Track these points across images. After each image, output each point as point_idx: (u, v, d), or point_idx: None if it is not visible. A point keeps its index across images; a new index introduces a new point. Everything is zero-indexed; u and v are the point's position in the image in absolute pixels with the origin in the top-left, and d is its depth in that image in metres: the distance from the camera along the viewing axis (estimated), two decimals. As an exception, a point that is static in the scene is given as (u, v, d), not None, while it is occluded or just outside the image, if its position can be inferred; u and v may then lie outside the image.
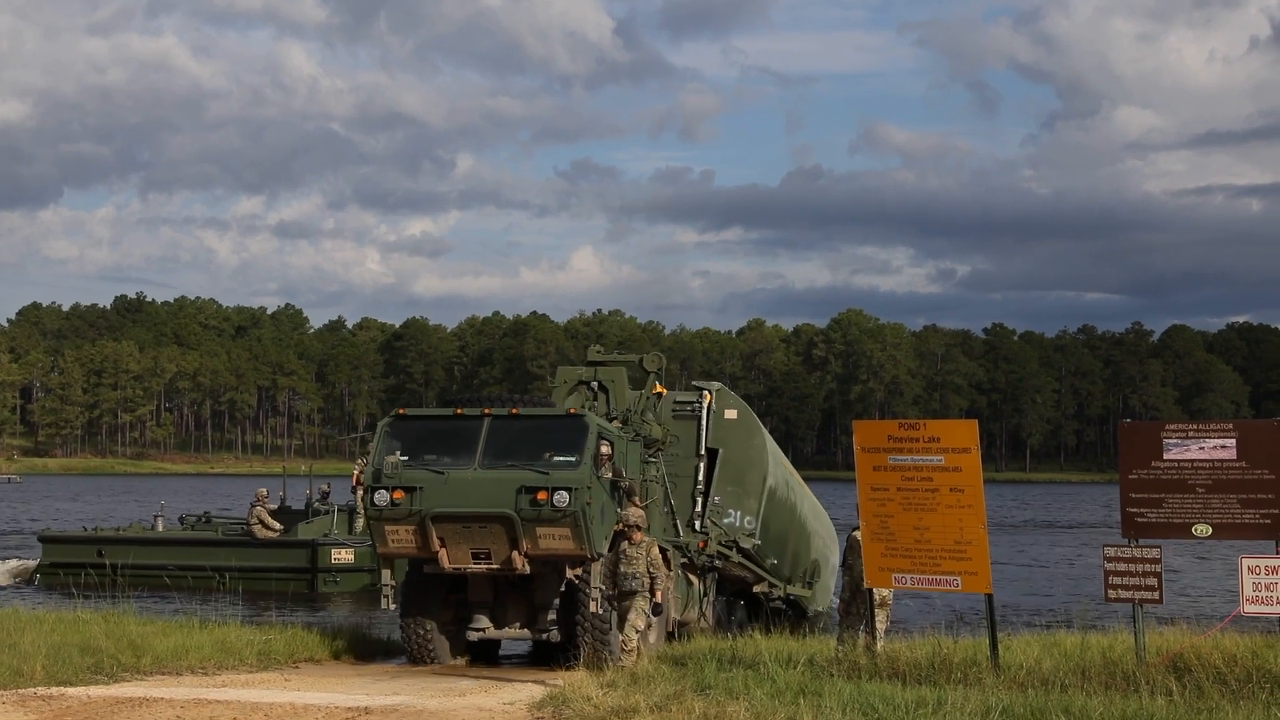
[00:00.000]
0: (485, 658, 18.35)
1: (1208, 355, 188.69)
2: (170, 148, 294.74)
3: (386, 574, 17.71)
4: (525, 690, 14.74)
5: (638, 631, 16.07)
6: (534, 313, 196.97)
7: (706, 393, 22.39)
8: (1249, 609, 13.84)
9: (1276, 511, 13.97)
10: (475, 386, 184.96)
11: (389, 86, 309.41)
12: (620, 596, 16.30)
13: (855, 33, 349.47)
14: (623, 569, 16.18)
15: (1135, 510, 14.55)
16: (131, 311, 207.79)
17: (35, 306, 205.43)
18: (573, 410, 17.88)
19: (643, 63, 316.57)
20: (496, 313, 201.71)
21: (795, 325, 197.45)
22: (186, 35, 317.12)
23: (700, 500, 21.24)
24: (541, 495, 16.57)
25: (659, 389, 21.71)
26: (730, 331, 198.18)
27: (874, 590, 15.37)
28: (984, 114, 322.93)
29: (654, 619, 16.92)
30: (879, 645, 15.10)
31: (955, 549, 14.23)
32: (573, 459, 16.86)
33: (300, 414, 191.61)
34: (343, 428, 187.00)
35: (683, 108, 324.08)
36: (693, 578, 20.40)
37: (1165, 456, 14.45)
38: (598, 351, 22.23)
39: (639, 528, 16.60)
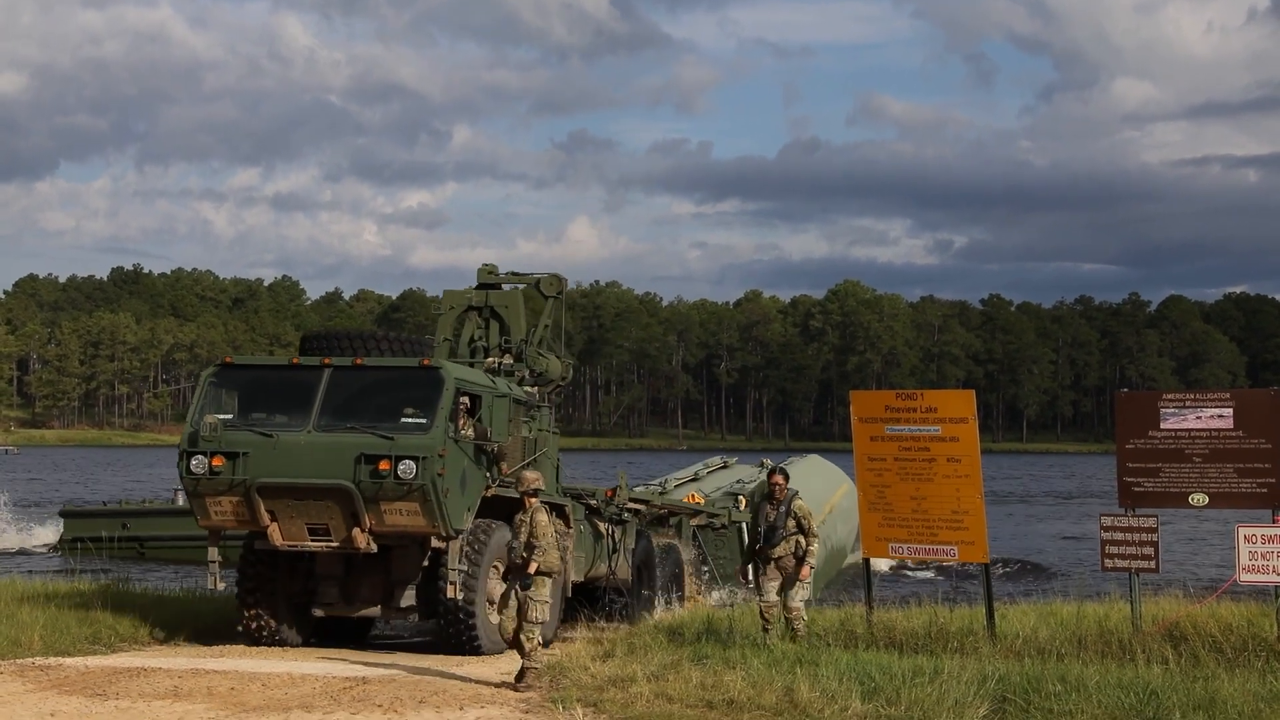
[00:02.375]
0: (344, 638, 16.45)
1: (1205, 326, 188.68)
2: (167, 119, 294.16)
3: (213, 550, 15.64)
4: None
5: (541, 622, 13.21)
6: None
7: None
8: (1245, 578, 13.87)
9: (1273, 480, 14.00)
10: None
11: (386, 58, 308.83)
12: (511, 571, 13.48)
13: (852, 4, 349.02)
14: (513, 540, 13.40)
15: (1132, 480, 14.57)
16: (128, 283, 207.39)
17: (32, 278, 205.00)
18: (426, 361, 15.30)
19: (640, 34, 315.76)
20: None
21: (792, 296, 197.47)
22: (183, 7, 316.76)
23: None
24: (384, 465, 14.50)
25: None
26: (727, 303, 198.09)
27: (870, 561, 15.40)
28: (981, 85, 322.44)
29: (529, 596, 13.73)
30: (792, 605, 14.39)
31: (952, 519, 14.26)
32: (423, 420, 14.70)
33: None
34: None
35: (680, 79, 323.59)
36: (602, 528, 18.69)
37: (1162, 426, 14.46)
38: (489, 272, 19.55)
39: (534, 493, 13.51)
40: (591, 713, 11.47)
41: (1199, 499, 14.35)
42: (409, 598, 15.73)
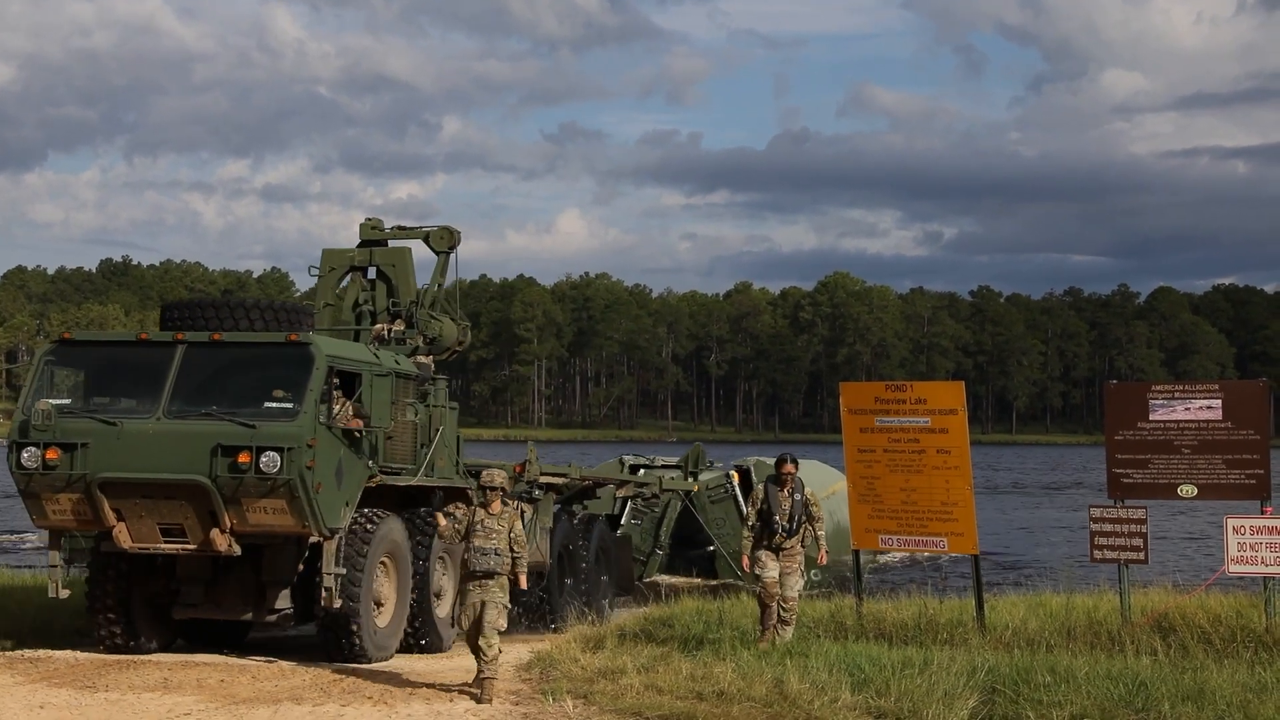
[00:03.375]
0: (219, 640, 14.97)
1: (1193, 317, 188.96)
2: (156, 111, 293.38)
3: (54, 554, 13.98)
4: (512, 652, 14.76)
5: (499, 632, 12.08)
6: (521, 276, 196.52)
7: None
8: (1233, 569, 13.91)
9: (1261, 472, 14.05)
10: (462, 349, 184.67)
11: (375, 49, 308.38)
12: (468, 578, 12.13)
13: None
14: (476, 543, 12.03)
15: (1121, 471, 14.60)
16: (117, 275, 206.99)
17: (20, 270, 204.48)
18: (294, 336, 13.43)
19: (630, 25, 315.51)
20: (483, 276, 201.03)
21: (782, 288, 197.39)
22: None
23: None
24: (244, 457, 12.77)
25: None
26: (717, 294, 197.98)
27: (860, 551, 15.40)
28: (971, 76, 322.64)
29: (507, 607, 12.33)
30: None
31: (942, 510, 14.26)
32: (289, 405, 13.04)
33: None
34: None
35: (670, 71, 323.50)
36: (525, 508, 16.91)
37: (1151, 417, 14.48)
38: (373, 226, 17.82)
39: (499, 490, 12.27)
40: (581, 704, 11.47)
41: (1188, 490, 14.38)
42: (284, 600, 14.07)
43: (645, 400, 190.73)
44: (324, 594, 13.33)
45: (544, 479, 18.13)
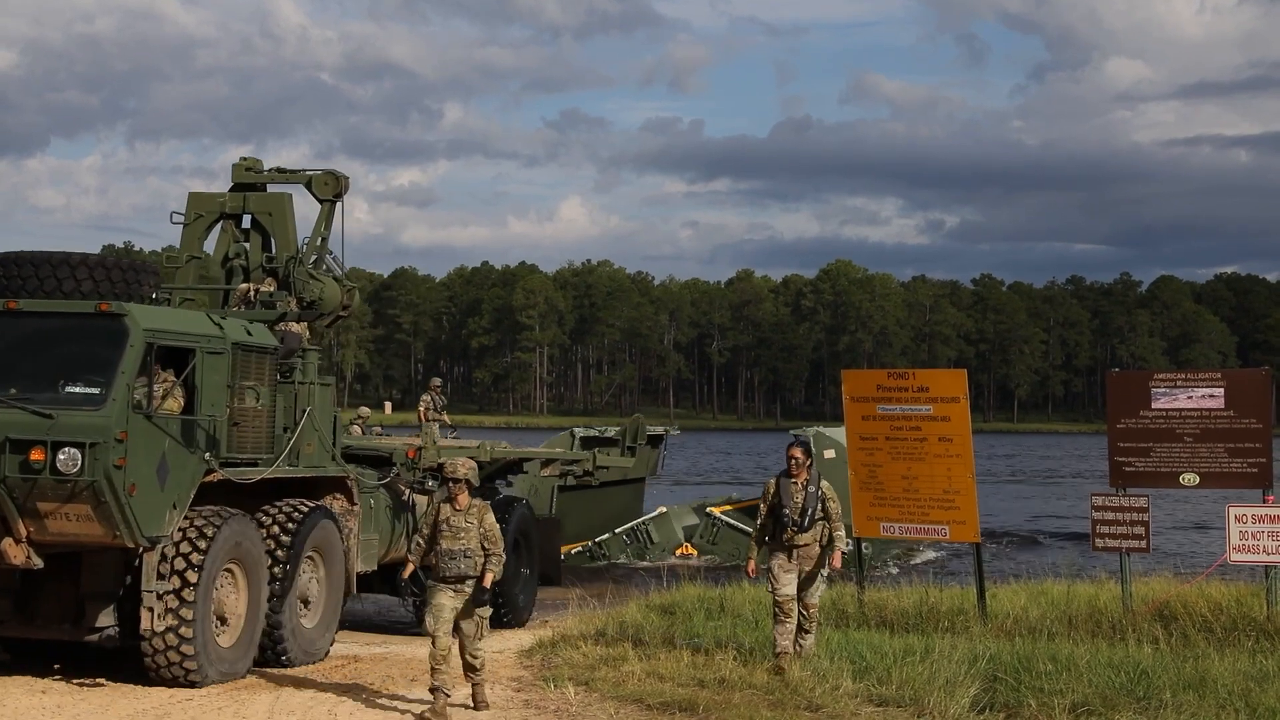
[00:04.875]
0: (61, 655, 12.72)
1: (1196, 306, 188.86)
2: (158, 97, 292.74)
3: None
4: (514, 639, 14.78)
5: (483, 638, 10.97)
6: (523, 263, 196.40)
7: None
8: (1235, 557, 13.91)
9: (1263, 460, 14.05)
10: (464, 337, 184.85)
11: (378, 36, 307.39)
12: (443, 583, 10.80)
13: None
14: (444, 545, 10.74)
15: (1123, 460, 14.61)
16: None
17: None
18: (105, 306, 11.23)
19: (632, 13, 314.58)
20: (485, 263, 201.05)
21: (784, 276, 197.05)
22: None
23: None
24: (37, 454, 10.64)
25: None
26: (719, 282, 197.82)
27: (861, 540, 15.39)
28: (973, 65, 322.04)
29: (482, 614, 10.94)
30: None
31: (944, 498, 14.26)
32: (95, 390, 10.93)
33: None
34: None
35: (672, 58, 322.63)
36: (419, 500, 15.44)
37: (1153, 406, 14.49)
38: (248, 168, 15.72)
39: (464, 482, 10.89)
40: (583, 691, 11.48)
41: (1190, 479, 14.38)
42: (107, 617, 11.83)
43: (647, 388, 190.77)
44: (144, 614, 11.19)
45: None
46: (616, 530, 26.79)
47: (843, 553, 12.51)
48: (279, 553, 12.68)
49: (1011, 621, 13.88)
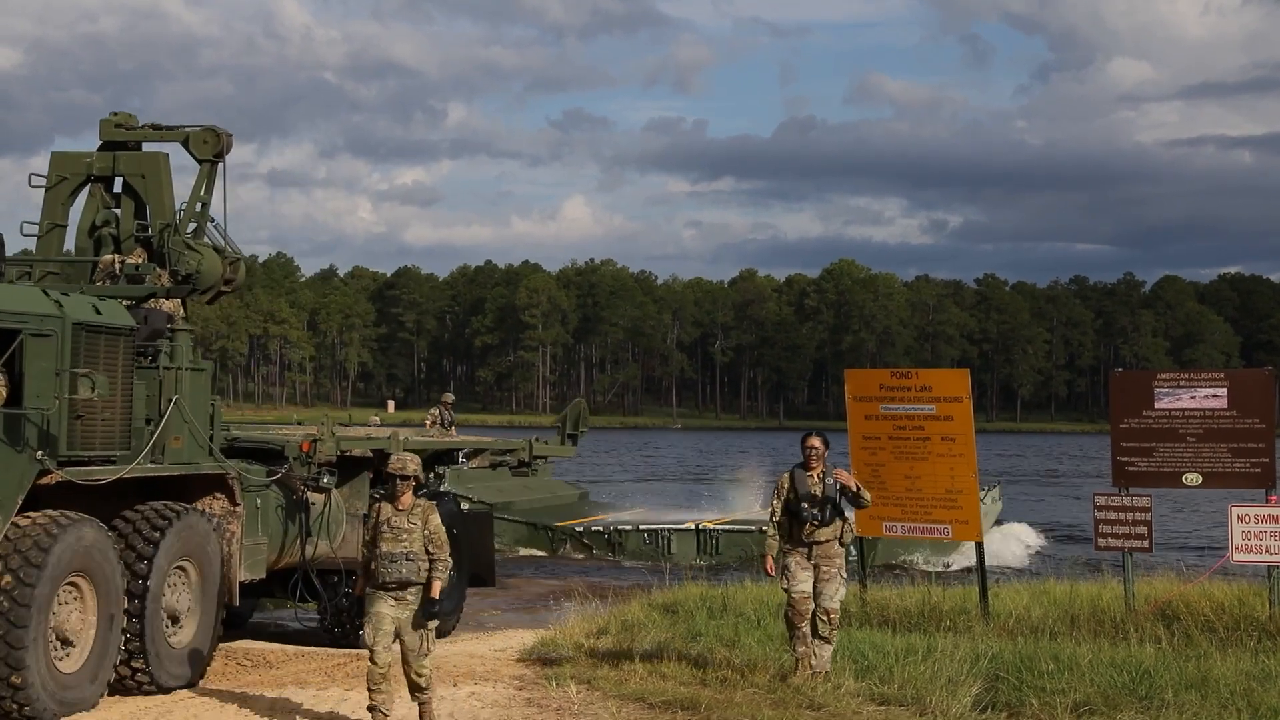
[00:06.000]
0: None
1: (1199, 306, 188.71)
2: (162, 96, 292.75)
3: None
4: (516, 637, 14.79)
5: (429, 653, 10.00)
6: (526, 262, 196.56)
7: None
8: (1237, 557, 13.91)
9: (1266, 460, 14.05)
10: (467, 336, 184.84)
11: (381, 35, 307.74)
12: (382, 590, 9.84)
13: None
14: (384, 548, 9.80)
15: (1126, 459, 14.60)
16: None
17: (26, 254, 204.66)
18: None
19: (636, 13, 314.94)
20: (488, 262, 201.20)
21: (787, 275, 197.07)
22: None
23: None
24: None
25: None
26: (722, 282, 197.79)
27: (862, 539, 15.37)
28: (977, 65, 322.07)
29: (430, 626, 9.98)
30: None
31: (946, 498, 14.26)
32: None
33: (292, 363, 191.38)
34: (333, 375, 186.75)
35: (675, 58, 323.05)
36: (315, 498, 13.57)
37: (1156, 406, 14.49)
38: (118, 125, 14.22)
39: (411, 479, 10.01)
40: (585, 689, 11.48)
41: (1192, 479, 14.38)
42: None
43: (650, 387, 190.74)
44: None
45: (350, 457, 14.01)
46: (640, 526, 27.26)
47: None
48: (139, 564, 11.09)
49: (1014, 621, 13.88)
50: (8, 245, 11.43)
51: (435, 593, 9.87)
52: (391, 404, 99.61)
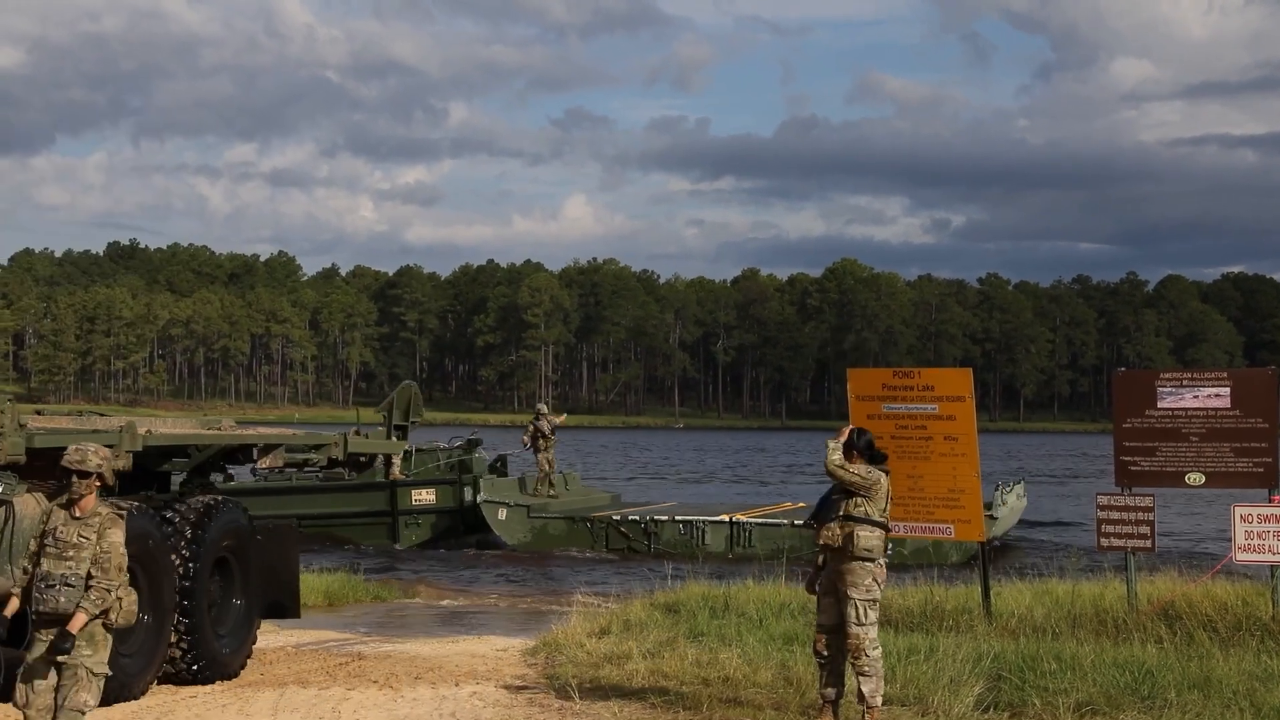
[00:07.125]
0: None
1: (1202, 305, 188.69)
2: (163, 94, 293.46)
3: None
4: (519, 637, 14.77)
5: (84, 710, 7.82)
6: (528, 261, 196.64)
7: None
8: (1240, 557, 13.88)
9: (1270, 460, 14.01)
10: (469, 335, 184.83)
11: (382, 34, 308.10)
12: (40, 624, 7.87)
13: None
14: (44, 566, 7.88)
15: (1129, 459, 14.57)
16: (124, 258, 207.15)
17: (28, 253, 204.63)
18: None
19: (637, 12, 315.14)
20: (490, 261, 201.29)
21: (789, 275, 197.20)
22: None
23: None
24: None
25: None
26: (724, 281, 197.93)
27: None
28: (978, 64, 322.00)
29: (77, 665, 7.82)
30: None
31: (949, 497, 14.22)
32: None
33: (294, 362, 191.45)
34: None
35: (677, 57, 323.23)
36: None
37: (1159, 405, 14.46)
38: None
39: (94, 477, 7.95)
40: (587, 690, 11.46)
41: (1195, 478, 14.35)
42: None
43: (652, 386, 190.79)
44: None
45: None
46: (675, 517, 28.01)
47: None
48: None
49: (1016, 621, 13.86)
50: None
51: (73, 626, 7.71)
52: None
